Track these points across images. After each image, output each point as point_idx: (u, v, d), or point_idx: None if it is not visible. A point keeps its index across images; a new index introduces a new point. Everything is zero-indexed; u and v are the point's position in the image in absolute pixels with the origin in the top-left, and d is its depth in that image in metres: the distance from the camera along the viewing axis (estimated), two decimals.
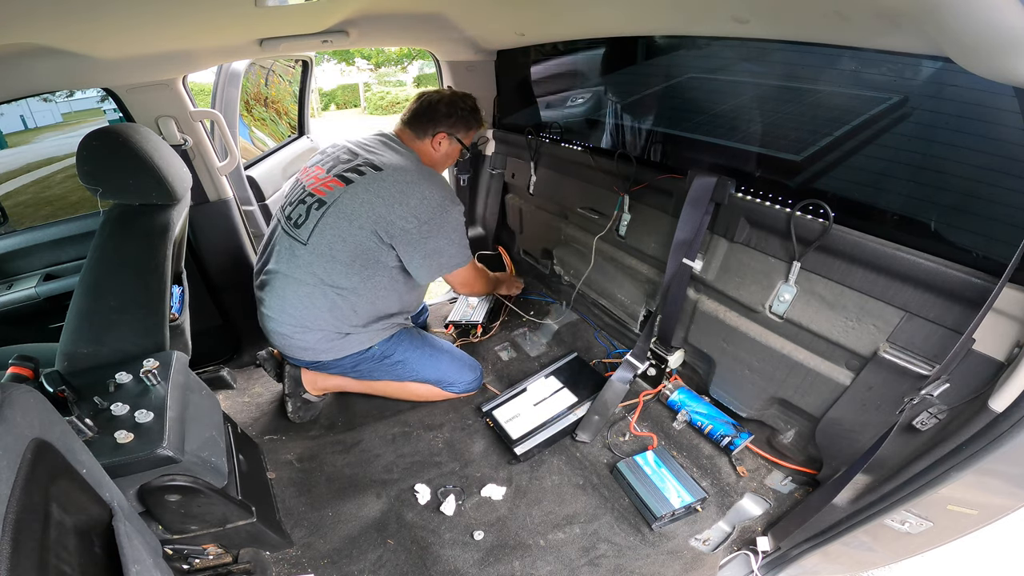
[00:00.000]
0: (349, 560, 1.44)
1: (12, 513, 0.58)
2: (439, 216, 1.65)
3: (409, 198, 1.61)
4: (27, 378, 1.14)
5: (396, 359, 1.87)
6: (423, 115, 1.76)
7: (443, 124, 1.76)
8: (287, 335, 1.74)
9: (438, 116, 1.75)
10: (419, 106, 1.77)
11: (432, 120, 1.75)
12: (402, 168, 1.65)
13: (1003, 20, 0.67)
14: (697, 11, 1.29)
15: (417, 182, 1.63)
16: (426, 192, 1.63)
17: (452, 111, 1.76)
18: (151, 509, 1.15)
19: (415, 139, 1.77)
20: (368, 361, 1.84)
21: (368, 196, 1.60)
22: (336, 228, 1.62)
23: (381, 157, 1.68)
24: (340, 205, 1.62)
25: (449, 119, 1.76)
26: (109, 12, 1.12)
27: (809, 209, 1.27)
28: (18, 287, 2.03)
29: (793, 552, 1.31)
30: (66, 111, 6.34)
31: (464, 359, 2.05)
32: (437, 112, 1.75)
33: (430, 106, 1.75)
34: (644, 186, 1.78)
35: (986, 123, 1.10)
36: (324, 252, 1.63)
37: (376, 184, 1.61)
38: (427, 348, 1.94)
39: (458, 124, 1.78)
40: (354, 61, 17.74)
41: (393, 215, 1.60)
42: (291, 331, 1.73)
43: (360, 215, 1.60)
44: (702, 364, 1.78)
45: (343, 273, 1.65)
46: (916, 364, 1.14)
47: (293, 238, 1.69)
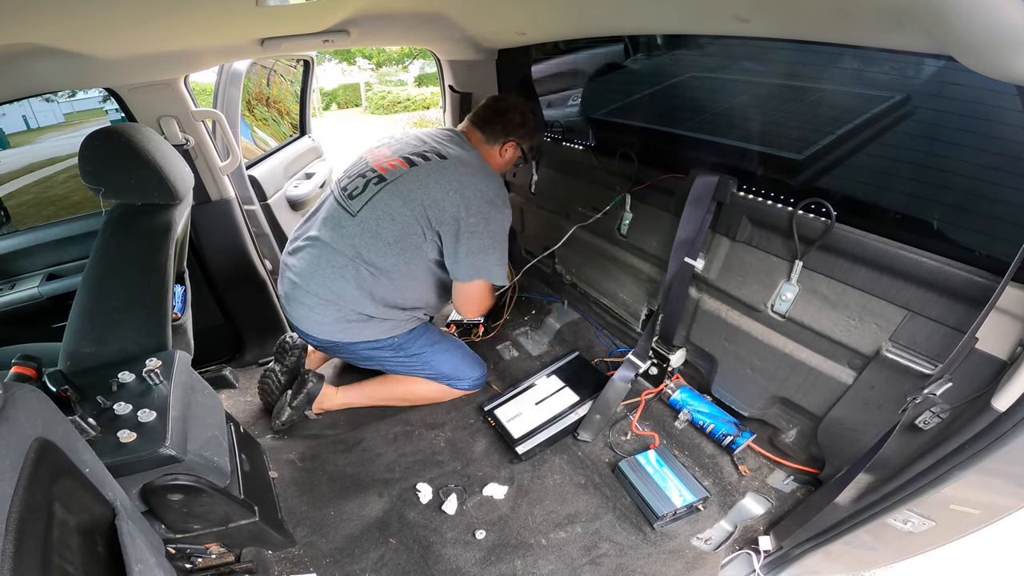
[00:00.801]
0: (351, 559, 1.45)
1: (15, 512, 0.58)
2: (488, 213, 1.67)
3: (466, 188, 1.64)
4: (30, 378, 1.14)
5: (413, 351, 1.88)
6: (497, 121, 1.79)
7: (515, 133, 1.79)
8: (308, 305, 1.73)
9: (512, 125, 1.78)
10: (493, 112, 1.80)
11: (505, 128, 1.78)
12: (466, 161, 1.70)
13: (1005, 18, 0.67)
14: (698, 10, 1.29)
15: (477, 175, 1.67)
16: (483, 186, 1.66)
17: (526, 121, 1.80)
18: (154, 508, 1.15)
19: (484, 143, 1.80)
20: (385, 350, 1.84)
21: (428, 180, 1.63)
22: (389, 205, 1.64)
23: (448, 148, 1.72)
24: (399, 184, 1.65)
25: (522, 128, 1.80)
26: (111, 12, 1.12)
27: (811, 208, 1.27)
28: (21, 287, 2.04)
29: (795, 551, 1.31)
30: (68, 111, 6.34)
31: (473, 356, 2.06)
32: (511, 122, 1.78)
33: (504, 114, 1.79)
34: (646, 185, 1.77)
35: (989, 122, 1.09)
36: (371, 227, 1.65)
37: (438, 170, 1.65)
38: (443, 343, 1.96)
39: (527, 135, 1.82)
40: (355, 61, 17.74)
41: (447, 202, 1.62)
42: (314, 302, 1.72)
43: (415, 197, 1.63)
44: (704, 363, 1.77)
45: (383, 252, 1.66)
46: (919, 363, 1.14)
47: (344, 208, 1.71)
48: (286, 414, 1.87)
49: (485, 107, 1.83)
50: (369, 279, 1.69)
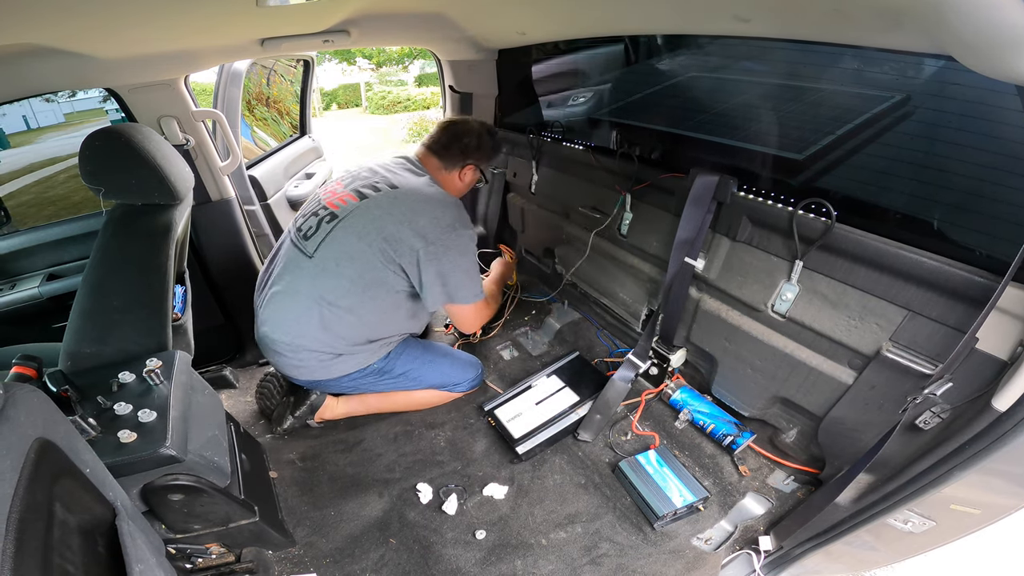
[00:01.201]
0: (351, 559, 1.45)
1: (16, 512, 0.58)
2: (447, 238, 1.62)
3: (419, 216, 1.60)
4: (30, 378, 1.14)
5: (398, 372, 1.85)
6: (452, 147, 1.76)
7: (472, 156, 1.77)
8: (281, 353, 1.72)
9: (469, 148, 1.76)
10: (448, 137, 1.77)
11: (463, 152, 1.76)
12: (418, 189, 1.66)
13: (1005, 18, 0.67)
14: (698, 10, 1.29)
15: (430, 203, 1.64)
16: (437, 213, 1.63)
17: (481, 143, 1.78)
18: (154, 508, 1.15)
19: (442, 169, 1.77)
20: (369, 377, 1.81)
21: (379, 212, 1.60)
22: (344, 243, 1.61)
23: (399, 178, 1.69)
24: (352, 220, 1.62)
25: (479, 151, 1.78)
26: (111, 12, 1.12)
27: (811, 208, 1.27)
28: (21, 287, 2.04)
29: (795, 551, 1.31)
30: (68, 111, 6.35)
31: (463, 357, 2.05)
32: (468, 145, 1.76)
33: (460, 138, 1.76)
34: (646, 185, 1.77)
35: (988, 121, 1.09)
36: (330, 268, 1.62)
37: (389, 201, 1.62)
38: (427, 355, 1.92)
39: (484, 156, 1.81)
40: (355, 61, 17.74)
41: (402, 234, 1.59)
42: (284, 349, 1.71)
43: (369, 232, 1.59)
44: (704, 363, 1.77)
45: (346, 291, 1.62)
46: (919, 363, 1.14)
47: (300, 250, 1.67)
48: (288, 423, 1.86)
49: (440, 132, 1.80)
50: (334, 320, 1.65)
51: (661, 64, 2.02)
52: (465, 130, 1.78)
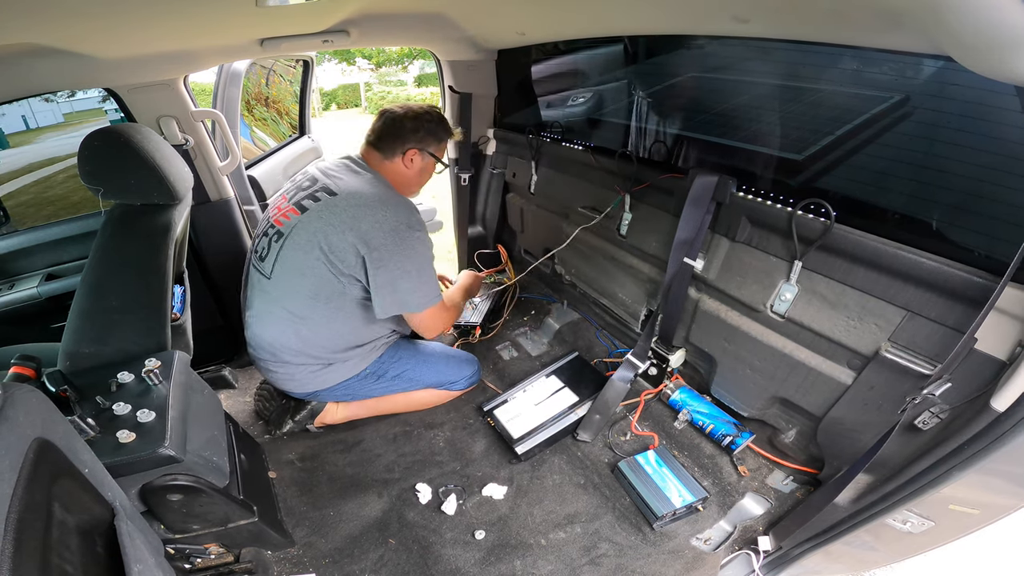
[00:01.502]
0: (351, 559, 1.45)
1: (14, 512, 0.58)
2: (392, 242, 1.52)
3: (360, 222, 1.51)
4: (29, 378, 1.14)
5: (393, 374, 1.85)
6: (389, 134, 1.65)
7: (411, 140, 1.65)
8: (272, 370, 1.74)
9: (405, 132, 1.64)
10: (383, 125, 1.67)
11: (400, 137, 1.65)
12: (357, 192, 1.56)
13: (1004, 18, 0.67)
14: (698, 10, 1.29)
15: (371, 205, 1.53)
16: (379, 216, 1.52)
17: (419, 125, 1.65)
18: (153, 509, 1.15)
19: (383, 160, 1.67)
20: (364, 381, 1.81)
21: (320, 224, 1.53)
22: (293, 261, 1.56)
23: (339, 181, 1.60)
24: (295, 236, 1.55)
25: (417, 134, 1.65)
26: (110, 12, 1.12)
27: (811, 208, 1.27)
28: (20, 287, 2.03)
29: (795, 551, 1.31)
30: (67, 111, 6.34)
31: (459, 355, 2.05)
32: (403, 128, 1.64)
33: (395, 123, 1.65)
34: (645, 185, 1.77)
35: (987, 122, 1.09)
36: (288, 286, 1.59)
37: (328, 210, 1.53)
38: (421, 355, 1.92)
39: (427, 138, 1.68)
40: (355, 61, 17.75)
41: (344, 242, 1.51)
42: (273, 367, 1.72)
43: (313, 245, 1.53)
44: (703, 363, 1.78)
45: (309, 306, 1.60)
46: (918, 363, 1.14)
47: (260, 272, 1.65)
48: (287, 427, 1.86)
49: (376, 121, 1.69)
50: (310, 334, 1.65)
51: (659, 64, 2.02)
52: (399, 115, 1.67)
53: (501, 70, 2.39)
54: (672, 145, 1.95)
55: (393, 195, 1.61)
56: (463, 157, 2.50)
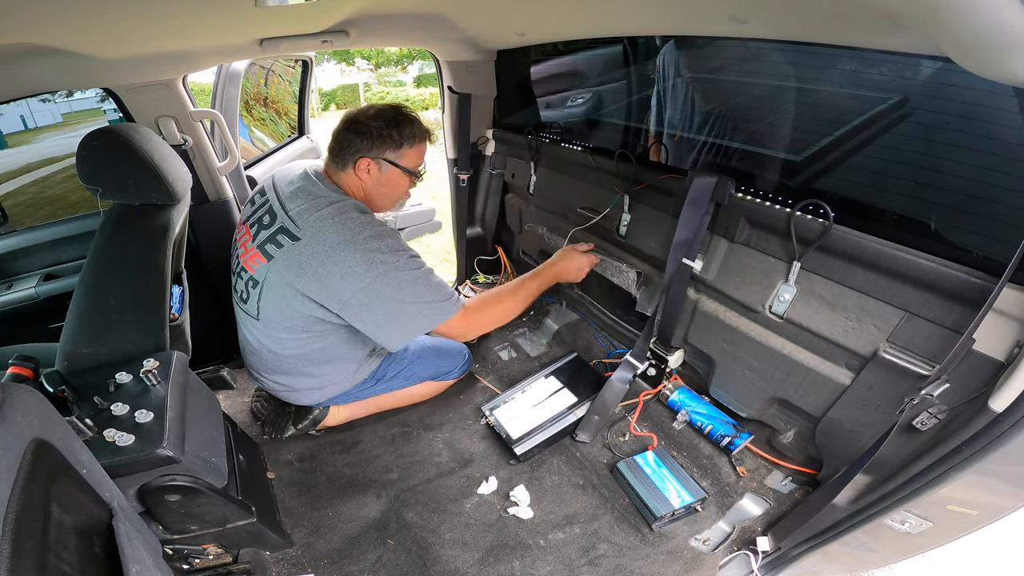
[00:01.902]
0: (349, 560, 1.44)
1: (12, 513, 0.58)
2: (373, 280, 1.38)
3: (332, 270, 1.38)
4: (27, 378, 1.14)
5: (392, 374, 1.87)
6: (336, 143, 1.51)
7: (359, 148, 1.48)
8: (273, 389, 1.75)
9: (352, 137, 1.48)
10: (334, 138, 1.52)
11: (347, 146, 1.48)
12: (319, 232, 1.39)
13: (1003, 20, 0.67)
14: (696, 11, 1.29)
15: (338, 246, 1.38)
16: (349, 258, 1.37)
17: (365, 130, 1.47)
18: (151, 509, 1.15)
19: (338, 172, 1.52)
20: (364, 386, 1.83)
21: (290, 276, 1.42)
22: (276, 305, 1.50)
23: (298, 215, 1.43)
24: (269, 284, 1.47)
25: (363, 140, 1.47)
26: (109, 12, 1.12)
27: (809, 209, 1.27)
28: (18, 287, 2.03)
29: (793, 552, 1.31)
30: (66, 111, 6.33)
31: (448, 344, 2.05)
32: (347, 134, 1.49)
33: (344, 127, 1.50)
34: (644, 186, 1.77)
35: (986, 123, 1.10)
36: (277, 325, 1.55)
37: (295, 260, 1.40)
38: (417, 352, 1.94)
39: (377, 144, 1.48)
40: (354, 61, 17.75)
41: (323, 291, 1.41)
42: (274, 388, 1.74)
43: (291, 295, 1.45)
44: (702, 364, 1.78)
45: (304, 342, 1.57)
46: (916, 364, 1.14)
47: (246, 313, 1.60)
48: (288, 432, 1.85)
49: (332, 133, 1.54)
50: (310, 365, 1.65)
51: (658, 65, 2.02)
52: (352, 117, 1.51)
53: (500, 71, 2.39)
54: (671, 145, 1.95)
55: (357, 224, 1.41)
56: (462, 158, 2.50)
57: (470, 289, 2.61)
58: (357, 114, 1.52)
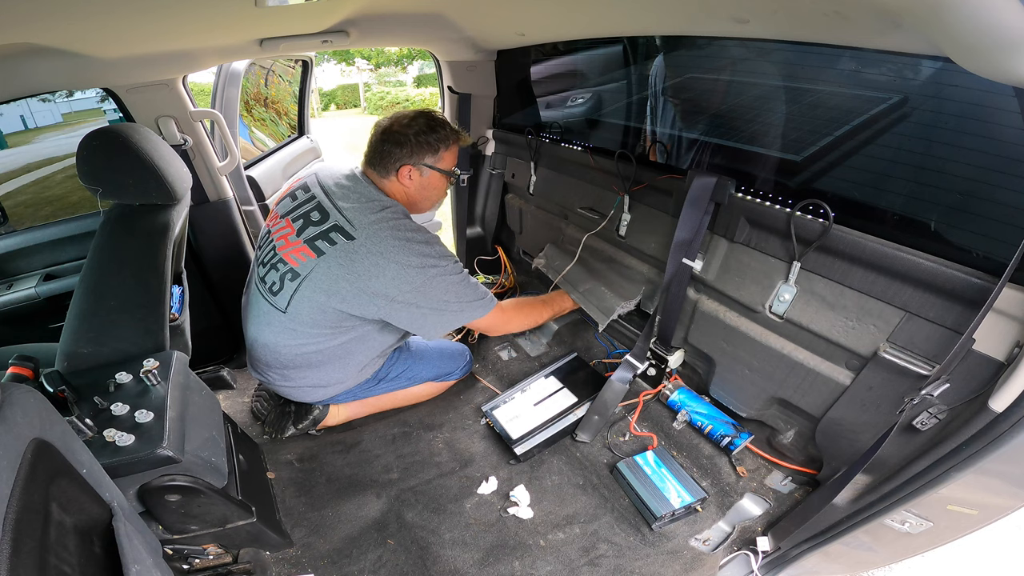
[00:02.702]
0: (349, 560, 1.44)
1: (12, 513, 0.58)
2: (424, 282, 1.49)
3: (385, 270, 1.45)
4: (27, 378, 1.14)
5: (395, 375, 1.88)
6: (377, 151, 1.56)
7: (401, 156, 1.54)
8: (276, 385, 1.76)
9: (389, 149, 1.54)
10: (372, 141, 1.58)
11: (387, 156, 1.55)
12: (376, 234, 1.47)
13: (1003, 20, 0.67)
14: (697, 11, 1.29)
15: (394, 249, 1.46)
16: (403, 259, 1.46)
17: (403, 139, 1.53)
18: (151, 509, 1.15)
19: (382, 180, 1.59)
20: (366, 385, 1.84)
21: (342, 271, 1.47)
22: (314, 300, 1.52)
23: (354, 216, 1.50)
24: (315, 278, 1.50)
25: (403, 149, 1.54)
26: (109, 12, 1.12)
27: (809, 209, 1.27)
28: (18, 287, 2.03)
29: (793, 552, 1.31)
30: (66, 111, 6.33)
31: (452, 347, 2.07)
32: (386, 145, 1.55)
33: (381, 139, 1.56)
34: (644, 186, 1.77)
35: (986, 123, 1.10)
36: (305, 321, 1.56)
37: (349, 257, 1.46)
38: (419, 353, 1.95)
39: (417, 151, 1.55)
40: (354, 61, 17.76)
41: (374, 287, 1.47)
42: (277, 382, 1.74)
43: (339, 290, 1.49)
44: (702, 364, 1.78)
45: (325, 339, 1.59)
46: (916, 364, 1.14)
47: (272, 305, 1.60)
48: (289, 432, 1.85)
49: (369, 143, 1.60)
50: (323, 363, 1.66)
51: (658, 66, 2.03)
52: (386, 127, 1.57)
53: (500, 71, 2.40)
54: (671, 145, 1.96)
55: (409, 229, 1.51)
56: (462, 158, 2.50)
57: None
58: (391, 124, 1.57)
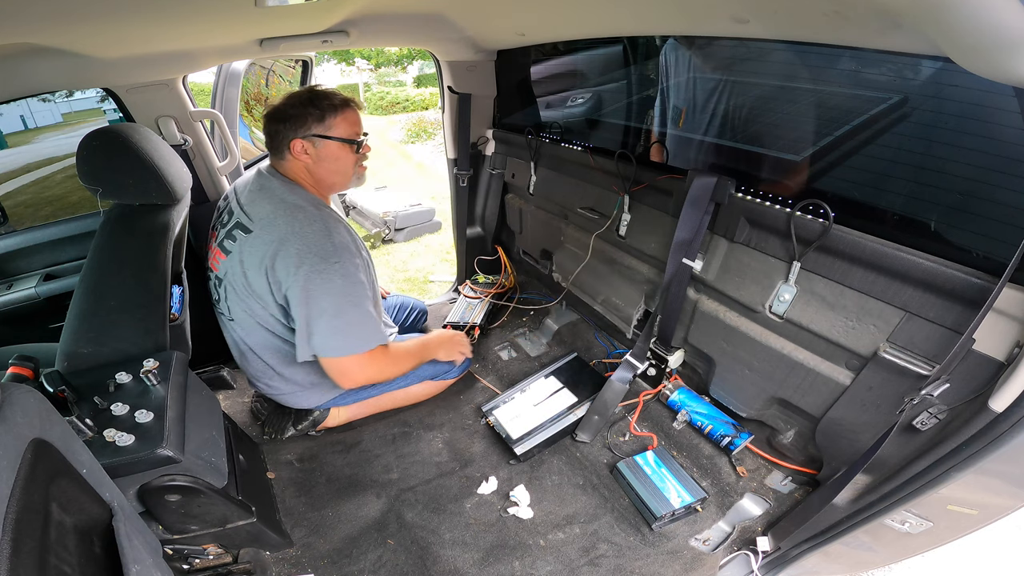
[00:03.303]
0: (349, 560, 1.44)
1: (12, 513, 0.58)
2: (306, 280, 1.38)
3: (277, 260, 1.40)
4: (27, 378, 1.14)
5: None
6: (268, 138, 1.51)
7: (284, 132, 1.47)
8: (262, 389, 1.75)
9: (275, 128, 1.49)
10: (265, 125, 1.51)
11: (276, 135, 1.49)
12: (268, 224, 1.42)
13: (1003, 20, 0.67)
14: (697, 11, 1.29)
15: (284, 239, 1.39)
16: (294, 248, 1.39)
17: (284, 115, 1.47)
18: (151, 509, 1.15)
19: (282, 163, 1.53)
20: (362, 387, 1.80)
21: (242, 268, 1.45)
22: (239, 304, 1.52)
23: (252, 208, 1.47)
24: (230, 279, 1.49)
25: (286, 123, 1.47)
26: (109, 12, 1.12)
27: (809, 209, 1.27)
28: (18, 287, 2.03)
29: (793, 552, 1.31)
30: (66, 111, 6.34)
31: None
32: (272, 125, 1.49)
33: (267, 124, 1.50)
34: (644, 186, 1.77)
35: (986, 123, 1.10)
36: (248, 329, 1.57)
37: (247, 249, 1.43)
38: None
39: (300, 122, 1.47)
40: (354, 61, 17.73)
41: (271, 280, 1.42)
42: (265, 391, 1.74)
43: (247, 293, 1.47)
44: (702, 364, 1.78)
45: (274, 345, 1.58)
46: (916, 364, 1.14)
47: (224, 316, 1.62)
48: (288, 432, 1.85)
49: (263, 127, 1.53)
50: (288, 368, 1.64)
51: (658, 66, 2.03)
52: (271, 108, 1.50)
53: (500, 71, 2.39)
54: (670, 145, 1.95)
55: (307, 217, 1.43)
56: (462, 157, 2.50)
57: (470, 289, 2.61)
58: (274, 104, 1.50)
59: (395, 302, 2.36)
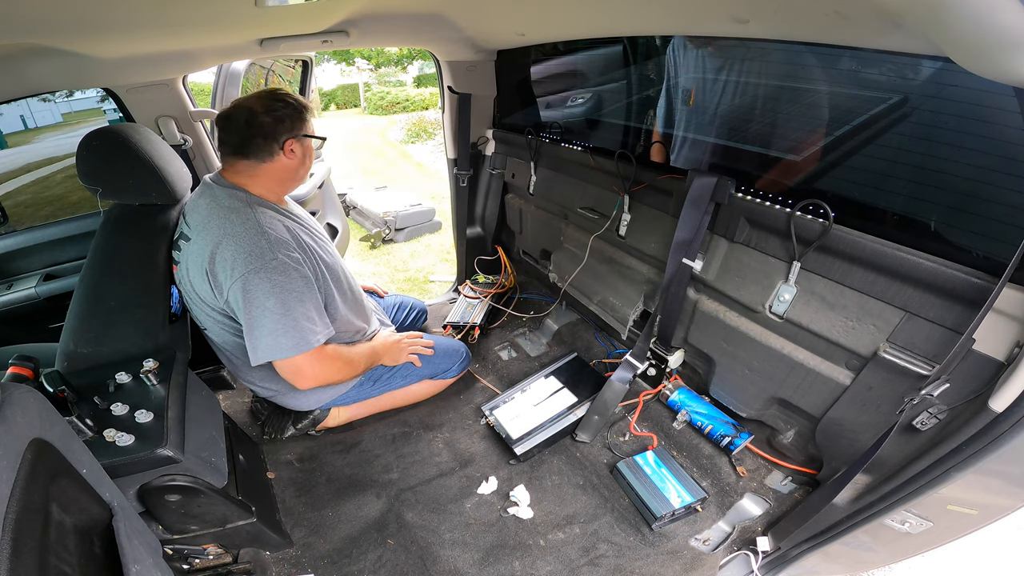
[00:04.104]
0: (349, 560, 1.44)
1: (12, 513, 0.58)
2: (245, 282, 1.35)
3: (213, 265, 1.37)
4: (27, 378, 1.14)
5: (388, 374, 1.87)
6: (257, 134, 1.45)
7: (281, 132, 1.47)
8: (259, 392, 1.75)
9: (269, 130, 1.46)
10: (238, 131, 1.45)
11: (269, 135, 1.46)
12: (205, 228, 1.39)
13: (1003, 20, 0.67)
14: (697, 11, 1.29)
15: (221, 244, 1.36)
16: (227, 254, 1.35)
17: (278, 117, 1.46)
18: (151, 509, 1.15)
19: (258, 164, 1.47)
20: (359, 388, 1.82)
21: (188, 277, 1.43)
22: (200, 312, 1.51)
23: (191, 216, 1.44)
24: (185, 290, 1.48)
25: (282, 124, 1.47)
26: (109, 12, 1.12)
27: (809, 209, 1.27)
28: (18, 287, 2.03)
29: (793, 552, 1.31)
30: (66, 111, 6.33)
31: (447, 343, 2.06)
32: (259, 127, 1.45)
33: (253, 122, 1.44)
34: (644, 186, 1.77)
35: (986, 123, 1.10)
36: (217, 331, 1.54)
37: (190, 258, 1.41)
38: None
39: (297, 123, 1.50)
40: (354, 61, 17.74)
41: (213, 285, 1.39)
42: (260, 390, 1.73)
43: (199, 299, 1.45)
44: (702, 364, 1.78)
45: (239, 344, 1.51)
46: (916, 364, 1.14)
47: (197, 322, 1.59)
48: (288, 432, 1.85)
49: (223, 132, 1.47)
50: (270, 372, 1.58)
51: (658, 66, 2.02)
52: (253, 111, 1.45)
53: (500, 70, 2.39)
54: (671, 145, 1.95)
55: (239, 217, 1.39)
56: (462, 157, 2.50)
57: (470, 288, 2.61)
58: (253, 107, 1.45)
59: (394, 301, 2.36)
